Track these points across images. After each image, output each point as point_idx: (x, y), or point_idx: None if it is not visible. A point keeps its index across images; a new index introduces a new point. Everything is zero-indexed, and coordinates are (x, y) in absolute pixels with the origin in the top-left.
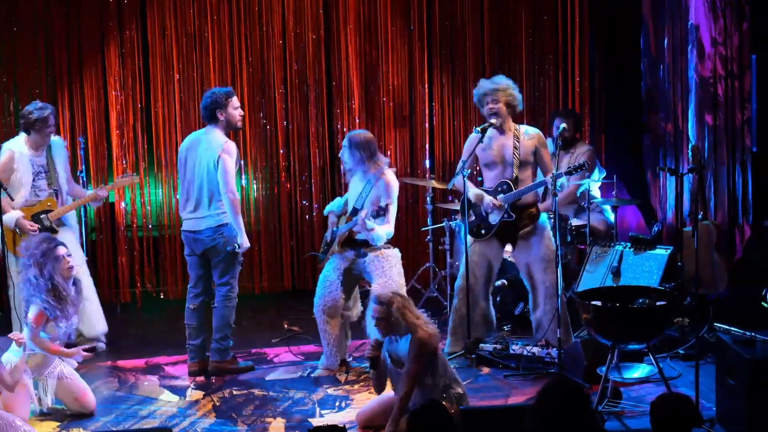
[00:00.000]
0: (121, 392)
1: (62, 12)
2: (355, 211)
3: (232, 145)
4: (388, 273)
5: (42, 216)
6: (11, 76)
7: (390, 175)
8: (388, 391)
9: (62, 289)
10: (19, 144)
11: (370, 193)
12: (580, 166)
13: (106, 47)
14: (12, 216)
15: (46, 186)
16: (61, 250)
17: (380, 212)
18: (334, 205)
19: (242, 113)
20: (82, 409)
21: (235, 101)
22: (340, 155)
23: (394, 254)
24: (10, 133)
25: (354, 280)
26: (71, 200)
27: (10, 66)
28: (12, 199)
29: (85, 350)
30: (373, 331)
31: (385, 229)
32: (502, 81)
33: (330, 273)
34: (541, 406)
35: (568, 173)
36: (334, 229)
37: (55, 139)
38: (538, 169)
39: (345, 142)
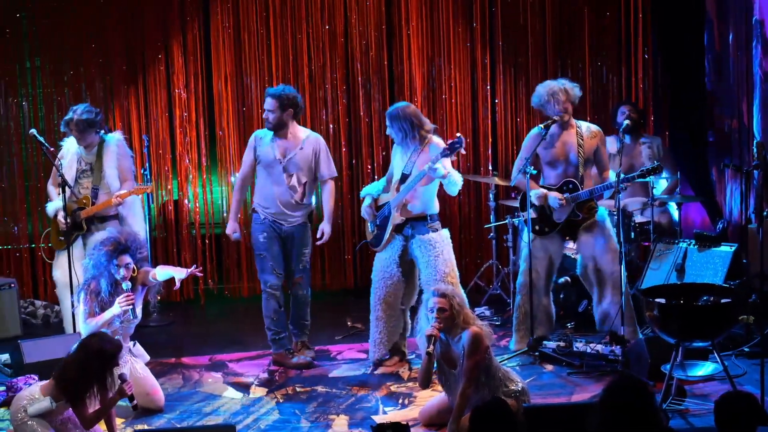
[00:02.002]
0: (185, 389)
1: (126, 11)
2: (404, 178)
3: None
4: (433, 264)
5: (76, 212)
6: (77, 75)
7: (437, 138)
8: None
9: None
10: (72, 141)
11: (419, 157)
12: (654, 169)
13: (170, 46)
14: (53, 206)
15: (89, 184)
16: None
17: (447, 152)
18: (371, 188)
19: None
20: (151, 405)
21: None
22: (387, 133)
23: (442, 237)
24: None
25: (410, 265)
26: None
27: (75, 65)
28: (69, 186)
29: None
30: (421, 342)
31: (457, 175)
32: (562, 80)
33: (388, 263)
34: (606, 403)
35: (641, 176)
36: (383, 206)
37: (109, 137)
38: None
39: (387, 121)
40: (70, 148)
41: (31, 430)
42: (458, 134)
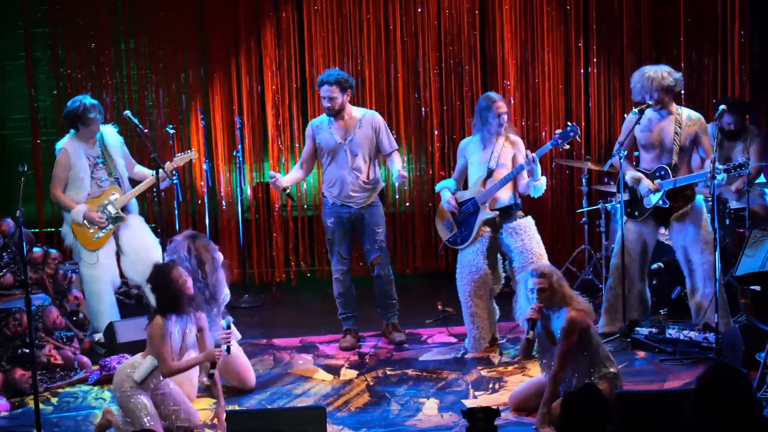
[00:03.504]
0: (276, 370)
1: None
2: (490, 172)
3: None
4: (528, 246)
5: (108, 205)
6: (172, 57)
7: (514, 135)
8: (542, 373)
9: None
10: (71, 140)
11: (501, 152)
12: (740, 165)
13: (263, 28)
14: (79, 210)
15: (106, 175)
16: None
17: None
18: (448, 183)
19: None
20: (242, 385)
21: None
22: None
23: (530, 223)
24: (172, 114)
25: (495, 255)
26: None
27: (170, 47)
28: (164, 169)
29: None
30: (521, 318)
31: (544, 181)
32: (663, 65)
33: (474, 257)
34: (701, 391)
35: (727, 171)
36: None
37: (106, 128)
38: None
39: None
40: (72, 146)
41: (136, 402)
42: (570, 122)
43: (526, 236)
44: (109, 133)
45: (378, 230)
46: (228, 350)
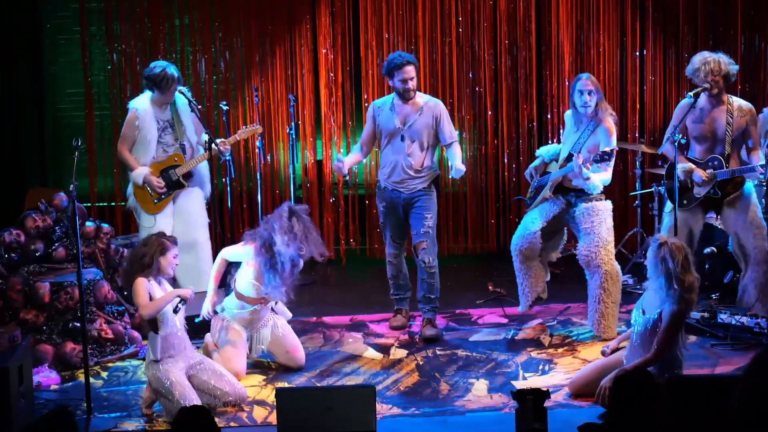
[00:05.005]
0: (326, 348)
1: None
2: (570, 157)
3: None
4: (597, 230)
5: (170, 171)
6: (226, 34)
7: (610, 121)
8: (603, 359)
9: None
10: (143, 102)
11: (588, 139)
12: None
13: (317, 5)
14: (140, 172)
15: (173, 141)
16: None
17: (598, 158)
18: (547, 151)
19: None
20: (292, 362)
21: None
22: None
23: (606, 207)
24: (225, 90)
25: (559, 227)
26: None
27: (223, 24)
28: (215, 144)
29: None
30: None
31: (601, 177)
32: (721, 54)
33: (535, 218)
34: (750, 377)
35: None
36: (548, 173)
37: (181, 90)
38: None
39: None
40: (144, 108)
41: (158, 374)
42: (614, 147)
43: (597, 219)
44: (181, 97)
45: (427, 216)
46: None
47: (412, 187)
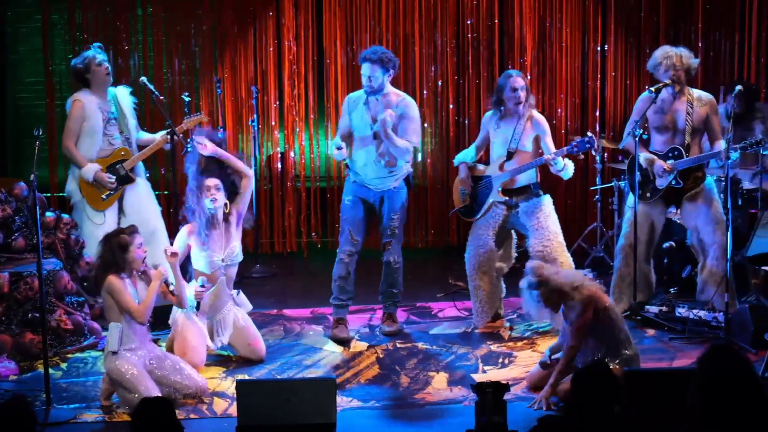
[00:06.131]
0: (287, 341)
1: None
2: (510, 154)
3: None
4: (545, 224)
5: (117, 166)
6: (188, 25)
7: (539, 114)
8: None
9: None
10: (84, 93)
11: (523, 133)
12: (757, 142)
13: None
14: (90, 169)
15: (118, 133)
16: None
17: (574, 150)
18: (465, 156)
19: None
20: (253, 355)
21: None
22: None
23: (548, 201)
24: (187, 81)
25: (508, 234)
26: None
27: (186, 14)
28: (178, 136)
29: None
30: (530, 309)
31: (571, 166)
32: (682, 48)
33: (483, 231)
34: (702, 371)
35: (743, 149)
36: (479, 177)
37: (119, 89)
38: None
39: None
40: (88, 98)
41: (116, 366)
42: (589, 133)
43: (543, 214)
44: (122, 93)
45: (394, 216)
46: (198, 307)
47: (381, 187)
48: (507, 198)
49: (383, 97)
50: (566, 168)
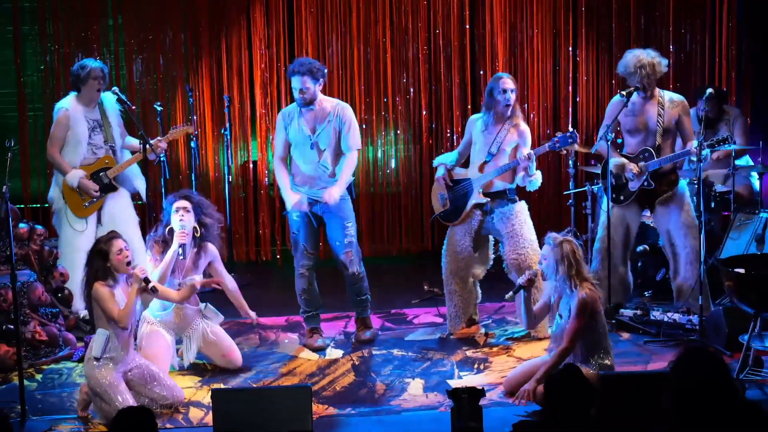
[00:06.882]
0: (262, 349)
1: None
2: (492, 157)
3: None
4: (520, 231)
5: (101, 174)
6: (160, 33)
7: (525, 124)
8: (536, 356)
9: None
10: (71, 102)
11: (505, 138)
12: (724, 139)
13: (252, 6)
14: (75, 175)
15: (102, 142)
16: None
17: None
18: (444, 158)
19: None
20: (230, 365)
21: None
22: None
23: (522, 208)
24: (159, 91)
25: (484, 239)
26: (126, 156)
27: (157, 23)
28: (150, 145)
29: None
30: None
31: (539, 177)
32: (651, 51)
33: (461, 236)
34: (676, 373)
35: (711, 146)
36: (458, 180)
37: (107, 95)
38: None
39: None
40: (73, 107)
41: (96, 374)
42: (571, 128)
43: (517, 221)
44: (109, 99)
45: (347, 224)
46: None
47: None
48: (487, 199)
49: (317, 105)
50: (535, 177)
